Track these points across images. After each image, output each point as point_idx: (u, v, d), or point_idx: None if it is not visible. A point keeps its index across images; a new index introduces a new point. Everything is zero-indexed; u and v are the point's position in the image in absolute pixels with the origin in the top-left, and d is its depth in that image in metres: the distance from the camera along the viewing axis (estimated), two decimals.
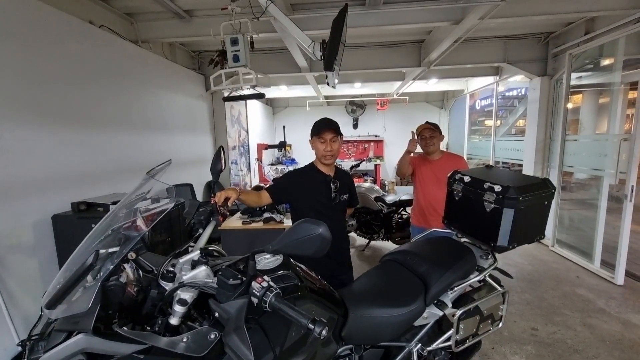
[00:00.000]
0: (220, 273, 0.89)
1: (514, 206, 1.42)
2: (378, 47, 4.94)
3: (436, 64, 4.81)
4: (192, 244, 1.33)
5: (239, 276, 0.89)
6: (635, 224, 3.41)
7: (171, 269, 1.10)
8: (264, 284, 0.85)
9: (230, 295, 0.87)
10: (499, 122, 6.73)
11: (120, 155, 3.22)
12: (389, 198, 4.30)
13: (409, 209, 4.44)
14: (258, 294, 0.83)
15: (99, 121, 2.98)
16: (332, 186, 1.85)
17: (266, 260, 1.15)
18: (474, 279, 1.49)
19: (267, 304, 0.82)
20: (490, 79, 6.38)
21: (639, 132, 3.25)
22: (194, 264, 1.06)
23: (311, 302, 1.15)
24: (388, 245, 4.61)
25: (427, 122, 2.65)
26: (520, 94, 7.21)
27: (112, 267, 0.90)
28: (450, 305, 1.43)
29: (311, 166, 1.94)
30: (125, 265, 1.04)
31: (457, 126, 8.62)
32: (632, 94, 6.00)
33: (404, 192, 4.53)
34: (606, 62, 4.16)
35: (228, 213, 1.37)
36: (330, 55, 2.28)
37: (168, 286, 1.01)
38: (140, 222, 1.01)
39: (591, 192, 4.40)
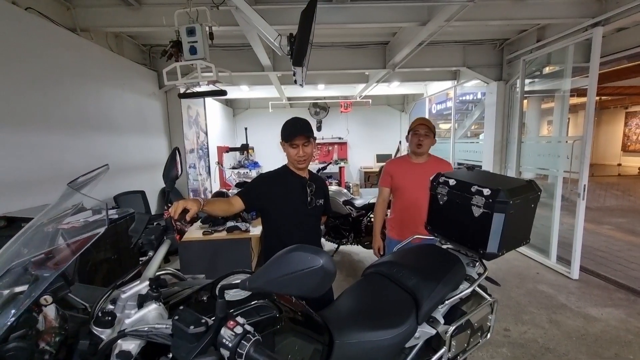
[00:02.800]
0: (176, 317, 0.66)
1: (504, 210, 1.33)
2: (343, 47, 4.85)
3: (400, 66, 4.82)
4: (142, 259, 1.06)
5: (203, 320, 0.66)
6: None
7: (111, 306, 0.84)
8: (238, 329, 0.64)
9: (193, 348, 0.64)
10: (456, 125, 6.98)
11: (55, 160, 2.77)
12: (358, 202, 4.19)
13: None
14: (230, 345, 0.62)
15: (26, 120, 2.53)
16: (308, 190, 1.70)
17: (236, 289, 0.93)
18: (465, 290, 1.38)
19: (243, 358, 0.61)
20: (448, 84, 6.59)
21: (589, 135, 3.46)
22: (142, 300, 0.82)
23: (293, 335, 0.95)
24: (357, 250, 4.51)
25: (424, 118, 2.37)
26: (475, 99, 7.55)
27: (12, 320, 0.63)
28: (442, 321, 1.31)
29: (285, 168, 1.77)
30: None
31: None
32: (571, 100, 6.60)
33: (371, 195, 4.46)
34: (556, 68, 4.43)
35: (187, 229, 1.12)
36: (299, 49, 2.10)
37: (104, 334, 0.76)
38: (64, 251, 0.74)
39: (543, 191, 4.64)
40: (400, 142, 9.55)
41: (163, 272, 1.20)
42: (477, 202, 1.39)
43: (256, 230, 2.89)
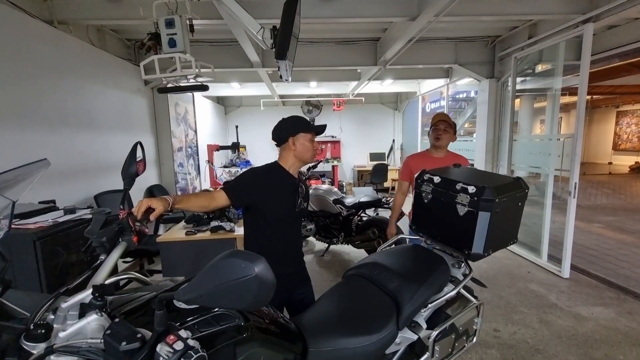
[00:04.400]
0: (108, 331, 0.58)
1: (489, 209, 1.27)
2: (334, 43, 4.77)
3: (391, 64, 4.76)
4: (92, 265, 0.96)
5: (139, 335, 0.58)
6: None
7: (51, 317, 0.76)
8: (178, 345, 0.56)
9: None
10: None
11: (28, 158, 2.64)
12: (348, 200, 4.12)
13: (368, 211, 4.31)
14: None
15: None
16: (299, 190, 1.64)
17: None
18: (450, 292, 1.31)
19: None
20: (441, 82, 6.54)
21: (579, 133, 3.42)
22: (84, 310, 0.73)
23: (258, 346, 0.87)
24: (348, 250, 4.45)
25: (444, 114, 2.51)
26: (468, 97, 7.53)
27: None
28: (425, 326, 1.24)
29: (277, 165, 1.63)
30: None
31: (410, 127, 8.81)
32: (564, 99, 6.59)
33: (363, 194, 4.40)
34: (547, 66, 4.40)
35: (147, 230, 1.04)
36: (282, 42, 2.02)
37: (37, 349, 0.67)
38: None
39: (533, 189, 4.62)
40: (393, 140, 9.51)
41: (124, 276, 1.12)
42: (461, 201, 1.33)
43: (241, 230, 2.79)
